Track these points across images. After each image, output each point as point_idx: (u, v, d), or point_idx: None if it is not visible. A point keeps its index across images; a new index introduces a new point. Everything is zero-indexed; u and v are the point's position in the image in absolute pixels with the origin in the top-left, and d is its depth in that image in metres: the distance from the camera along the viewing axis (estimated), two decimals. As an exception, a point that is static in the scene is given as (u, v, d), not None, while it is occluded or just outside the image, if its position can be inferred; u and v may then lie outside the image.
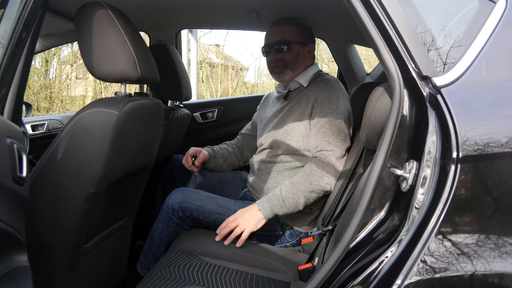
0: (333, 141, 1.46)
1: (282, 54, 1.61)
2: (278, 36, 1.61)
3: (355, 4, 0.84)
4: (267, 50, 1.65)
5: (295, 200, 1.40)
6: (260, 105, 1.90)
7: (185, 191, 1.55)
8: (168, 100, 2.02)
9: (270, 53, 1.64)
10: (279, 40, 1.60)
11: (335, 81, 1.59)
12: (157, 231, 1.52)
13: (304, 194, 1.40)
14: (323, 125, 1.48)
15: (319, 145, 1.47)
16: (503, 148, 0.76)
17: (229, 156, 1.86)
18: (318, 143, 1.48)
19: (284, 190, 1.41)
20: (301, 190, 1.40)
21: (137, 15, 1.67)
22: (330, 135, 1.47)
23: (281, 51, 1.60)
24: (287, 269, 1.31)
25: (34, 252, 0.83)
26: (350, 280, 0.80)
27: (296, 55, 1.62)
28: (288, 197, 1.39)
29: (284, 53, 1.60)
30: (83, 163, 0.98)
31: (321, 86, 1.56)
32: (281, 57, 1.61)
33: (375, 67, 2.33)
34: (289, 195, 1.40)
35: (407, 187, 0.79)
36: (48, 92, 7.00)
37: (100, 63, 1.02)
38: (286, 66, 1.62)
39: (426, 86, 0.81)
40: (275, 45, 1.61)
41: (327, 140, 1.47)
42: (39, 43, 1.91)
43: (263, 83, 8.37)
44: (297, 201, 1.40)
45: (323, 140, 1.47)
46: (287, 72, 1.63)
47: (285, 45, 1.59)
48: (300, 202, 1.41)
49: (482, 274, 0.74)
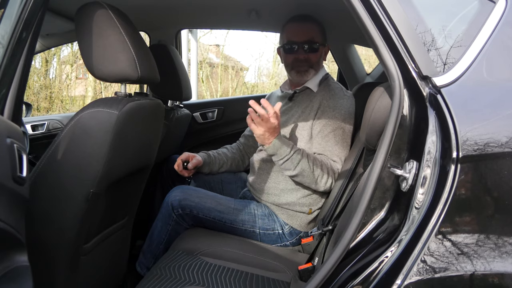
0: (337, 151, 1.49)
1: (310, 54, 1.58)
2: (308, 35, 1.57)
3: (355, 4, 0.84)
4: (294, 47, 1.59)
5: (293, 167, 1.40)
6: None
7: (185, 188, 1.55)
8: (168, 100, 2.02)
9: (298, 51, 1.58)
10: (310, 40, 1.57)
11: (339, 89, 1.59)
12: (156, 229, 1.52)
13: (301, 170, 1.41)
14: (327, 134, 1.49)
15: (322, 152, 1.49)
16: (503, 148, 0.76)
17: (227, 162, 1.82)
18: (321, 150, 1.49)
19: (295, 153, 1.40)
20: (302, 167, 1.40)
21: (137, 15, 1.67)
22: (333, 145, 1.49)
23: (311, 50, 1.57)
24: (287, 269, 1.32)
25: (34, 252, 0.83)
26: (350, 280, 0.80)
27: (320, 57, 1.62)
28: (291, 160, 1.40)
29: (313, 53, 1.58)
30: (83, 163, 0.98)
31: (326, 93, 1.56)
32: (309, 57, 1.58)
33: (375, 67, 2.33)
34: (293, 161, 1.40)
35: (407, 187, 0.79)
36: (48, 92, 7.00)
37: (100, 63, 1.02)
38: (311, 66, 1.60)
39: (426, 86, 0.81)
40: (305, 44, 1.57)
41: (331, 150, 1.49)
42: (39, 43, 1.91)
43: (263, 83, 8.37)
44: (292, 170, 1.41)
45: (326, 150, 1.49)
46: (310, 72, 1.60)
47: (316, 45, 1.57)
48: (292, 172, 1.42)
49: (482, 274, 0.74)
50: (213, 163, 1.77)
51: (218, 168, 1.80)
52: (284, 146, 1.38)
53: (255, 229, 1.50)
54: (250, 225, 1.50)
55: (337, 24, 1.84)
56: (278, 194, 1.54)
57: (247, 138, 1.90)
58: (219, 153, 1.83)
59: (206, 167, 1.75)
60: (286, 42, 1.60)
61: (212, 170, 1.78)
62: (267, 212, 1.54)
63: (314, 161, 1.42)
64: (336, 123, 1.50)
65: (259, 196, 1.60)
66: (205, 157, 1.75)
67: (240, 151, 1.89)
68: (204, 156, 1.75)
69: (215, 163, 1.78)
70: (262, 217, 1.53)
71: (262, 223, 1.51)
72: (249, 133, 1.90)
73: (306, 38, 1.57)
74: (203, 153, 1.77)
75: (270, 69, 8.21)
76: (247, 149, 1.90)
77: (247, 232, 1.51)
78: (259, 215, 1.53)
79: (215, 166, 1.78)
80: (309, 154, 1.43)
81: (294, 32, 1.60)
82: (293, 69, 1.62)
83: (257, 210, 1.54)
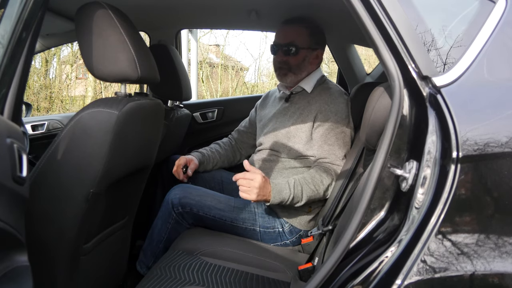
0: (340, 155, 1.51)
1: (288, 57, 1.60)
2: (288, 38, 1.59)
3: (355, 4, 0.84)
4: (276, 49, 1.63)
5: (299, 201, 1.42)
6: (260, 102, 1.89)
7: (185, 187, 1.55)
8: (168, 100, 2.02)
9: (278, 53, 1.62)
10: (288, 42, 1.59)
11: (339, 93, 1.60)
12: (156, 227, 1.53)
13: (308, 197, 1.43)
14: (330, 138, 1.51)
15: (326, 156, 1.51)
16: (503, 148, 0.76)
17: (220, 159, 1.83)
18: (325, 154, 1.51)
19: (295, 189, 1.41)
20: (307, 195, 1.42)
21: (137, 15, 1.67)
22: (338, 149, 1.51)
23: (288, 53, 1.59)
24: (287, 269, 1.32)
25: (34, 252, 0.83)
26: (350, 280, 0.80)
27: (301, 60, 1.61)
28: (296, 196, 1.41)
29: (290, 56, 1.60)
30: (83, 163, 0.98)
31: (325, 97, 1.57)
32: (287, 60, 1.60)
33: (375, 67, 2.33)
34: (297, 195, 1.41)
35: (407, 187, 0.79)
36: (48, 92, 7.00)
37: (100, 63, 1.02)
38: (289, 69, 1.62)
39: (426, 86, 0.81)
40: (284, 47, 1.59)
41: (335, 154, 1.50)
42: (39, 43, 1.91)
43: (263, 83, 8.36)
44: (301, 201, 1.43)
45: (331, 154, 1.50)
46: (289, 75, 1.63)
47: (293, 48, 1.58)
48: (302, 202, 1.43)
49: (482, 274, 0.74)
50: (207, 162, 1.78)
51: (212, 167, 1.81)
52: (283, 189, 1.39)
53: (255, 227, 1.51)
54: (251, 223, 1.51)
55: (337, 24, 1.84)
56: (278, 194, 1.55)
57: (240, 134, 1.91)
58: (212, 151, 1.83)
59: (201, 167, 1.76)
60: (271, 44, 1.66)
61: (206, 169, 1.79)
62: (267, 210, 1.55)
63: (313, 180, 1.44)
64: (339, 127, 1.52)
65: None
66: (199, 157, 1.75)
67: (232, 147, 1.90)
68: (198, 156, 1.75)
69: (209, 162, 1.78)
70: (262, 215, 1.53)
71: (263, 221, 1.52)
72: (243, 129, 1.91)
73: (286, 40, 1.59)
74: (196, 153, 1.77)
75: (270, 69, 8.20)
76: (240, 144, 1.91)
77: (247, 230, 1.51)
78: (260, 213, 1.53)
79: (208, 165, 1.79)
80: (305, 178, 1.44)
81: (278, 34, 1.65)
82: (275, 71, 1.67)
83: (257, 208, 1.54)
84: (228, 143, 1.90)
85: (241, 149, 1.91)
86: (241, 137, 1.91)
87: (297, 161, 1.57)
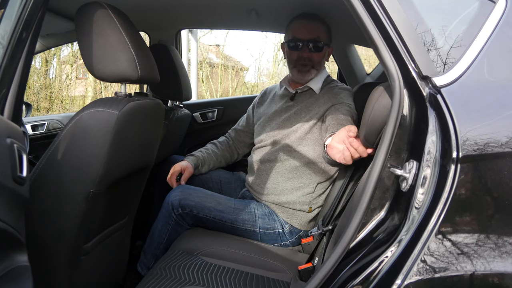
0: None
1: (314, 53, 1.57)
2: (314, 34, 1.56)
3: (355, 4, 0.84)
4: (299, 45, 1.57)
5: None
6: (258, 100, 1.86)
7: (185, 188, 1.55)
8: (168, 100, 2.02)
9: (303, 49, 1.57)
10: (315, 38, 1.55)
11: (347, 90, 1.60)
12: (157, 229, 1.52)
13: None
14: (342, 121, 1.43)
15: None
16: (503, 148, 0.76)
17: (217, 160, 1.80)
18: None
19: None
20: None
21: (137, 15, 1.67)
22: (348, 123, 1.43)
23: (316, 49, 1.57)
24: (287, 269, 1.32)
25: (34, 252, 0.83)
26: (350, 280, 0.80)
27: (323, 57, 1.61)
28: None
29: (315, 53, 1.57)
30: (83, 163, 0.98)
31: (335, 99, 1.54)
32: (312, 56, 1.57)
33: (375, 67, 2.33)
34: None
35: (407, 187, 0.79)
36: (48, 92, 7.00)
37: (100, 63, 1.02)
38: (313, 66, 1.59)
39: (426, 86, 0.81)
40: (310, 42, 1.55)
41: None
42: (39, 43, 1.91)
43: (263, 83, 8.36)
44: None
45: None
46: (312, 72, 1.60)
47: (321, 44, 1.56)
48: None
49: (482, 274, 0.74)
50: (202, 164, 1.75)
51: (208, 168, 1.79)
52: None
53: (255, 229, 1.51)
54: (251, 225, 1.50)
55: (337, 24, 1.83)
56: (278, 193, 1.55)
57: (237, 133, 1.89)
58: (208, 152, 1.80)
59: (196, 171, 1.73)
60: (291, 39, 1.59)
61: (201, 171, 1.77)
62: (267, 211, 1.55)
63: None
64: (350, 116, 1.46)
65: (258, 196, 1.60)
66: (194, 161, 1.72)
67: (229, 146, 1.88)
68: (193, 160, 1.72)
69: (204, 164, 1.76)
70: (262, 217, 1.53)
71: (263, 222, 1.52)
72: (240, 128, 1.89)
73: (312, 36, 1.55)
74: (191, 157, 1.73)
75: (270, 69, 8.21)
76: (237, 143, 1.89)
77: (247, 231, 1.51)
78: (259, 214, 1.53)
79: (204, 167, 1.76)
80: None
81: (301, 30, 1.58)
82: (295, 67, 1.61)
83: (257, 209, 1.54)
84: (225, 143, 1.88)
85: (238, 148, 1.89)
86: (238, 136, 1.89)
87: (297, 161, 1.56)
